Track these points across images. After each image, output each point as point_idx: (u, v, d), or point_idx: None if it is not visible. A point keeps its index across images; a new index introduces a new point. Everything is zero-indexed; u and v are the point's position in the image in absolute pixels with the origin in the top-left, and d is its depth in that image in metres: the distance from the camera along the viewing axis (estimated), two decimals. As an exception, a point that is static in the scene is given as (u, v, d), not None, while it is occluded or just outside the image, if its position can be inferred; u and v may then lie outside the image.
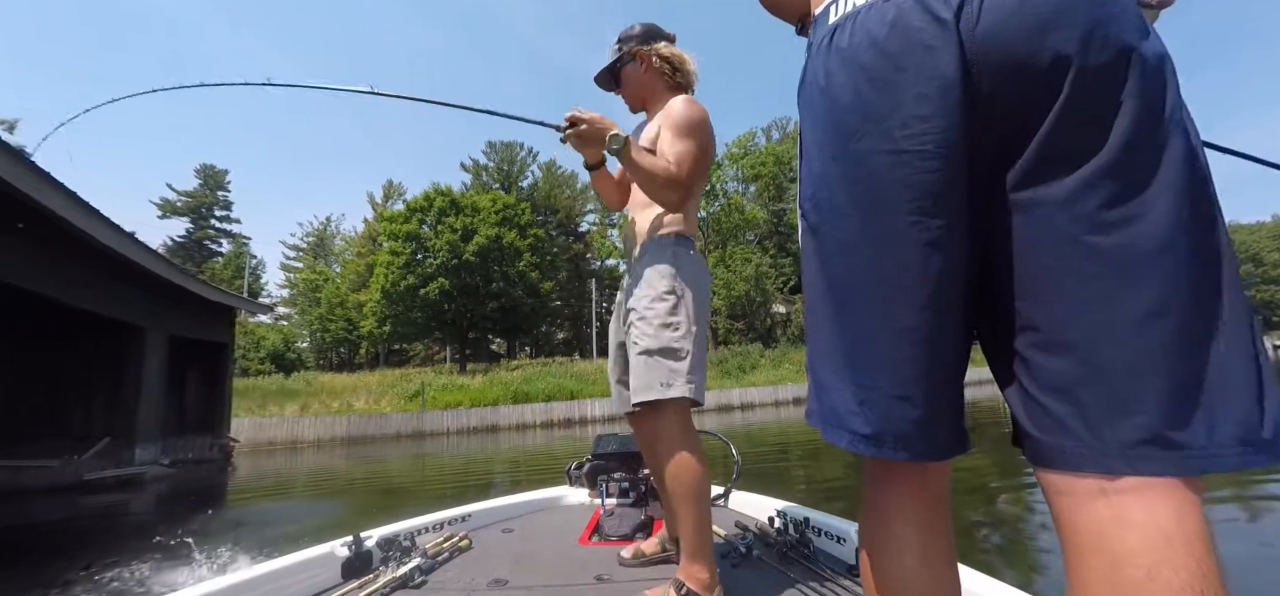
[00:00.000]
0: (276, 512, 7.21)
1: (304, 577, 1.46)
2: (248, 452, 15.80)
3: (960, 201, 0.53)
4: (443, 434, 18.89)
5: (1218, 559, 0.44)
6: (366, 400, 22.17)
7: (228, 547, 4.60)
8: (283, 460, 14.12)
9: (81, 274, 8.36)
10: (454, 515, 1.98)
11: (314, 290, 39.32)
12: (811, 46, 0.64)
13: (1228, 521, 3.69)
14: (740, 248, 34.74)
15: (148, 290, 9.73)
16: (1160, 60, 0.50)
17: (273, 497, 8.68)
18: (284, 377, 25.74)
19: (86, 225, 7.46)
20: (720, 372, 25.25)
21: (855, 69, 0.56)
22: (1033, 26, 0.49)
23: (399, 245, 27.92)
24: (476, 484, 8.55)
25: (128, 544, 5.01)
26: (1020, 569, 3.22)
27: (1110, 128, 0.48)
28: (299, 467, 12.54)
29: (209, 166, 50.78)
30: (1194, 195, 0.48)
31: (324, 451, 15.88)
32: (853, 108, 0.57)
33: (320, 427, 17.75)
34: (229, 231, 50.47)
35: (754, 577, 1.46)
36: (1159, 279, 0.47)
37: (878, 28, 0.55)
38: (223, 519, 6.75)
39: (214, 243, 49.65)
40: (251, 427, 17.05)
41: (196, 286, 11.03)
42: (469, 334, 31.13)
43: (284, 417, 18.10)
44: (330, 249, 49.35)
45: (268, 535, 5.35)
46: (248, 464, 13.47)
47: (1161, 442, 0.46)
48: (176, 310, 10.80)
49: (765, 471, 7.10)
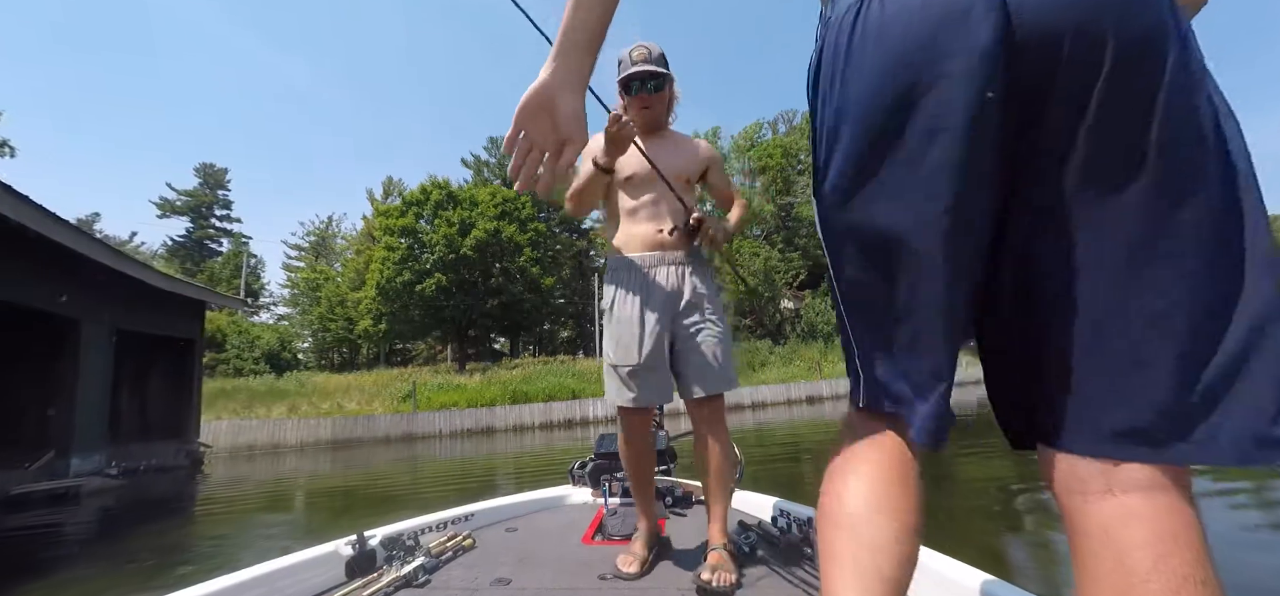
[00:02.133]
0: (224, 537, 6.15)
1: (308, 576, 1.45)
2: (225, 457, 14.84)
3: (994, 182, 0.52)
4: (434, 436, 17.90)
5: (1209, 550, 0.45)
6: (359, 401, 21.24)
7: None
8: (262, 465, 13.13)
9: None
10: (457, 514, 1.98)
11: (314, 289, 38.83)
12: (830, 18, 0.59)
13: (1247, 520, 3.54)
14: (748, 242, 33.73)
15: (82, 278, 8.61)
16: (1191, 39, 0.49)
17: (233, 513, 7.66)
18: (276, 378, 24.84)
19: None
20: (728, 370, 24.24)
21: (893, 40, 0.52)
22: (1074, 3, 0.47)
23: (395, 240, 27.00)
24: (471, 487, 7.46)
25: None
26: (1036, 567, 3.13)
27: (1142, 119, 0.47)
28: (276, 474, 11.55)
29: (209, 165, 50.43)
30: (1225, 186, 0.47)
31: (307, 455, 14.90)
32: (887, 81, 0.53)
33: (304, 430, 16.76)
34: (229, 230, 50.19)
35: (758, 576, 1.47)
36: (1175, 272, 0.47)
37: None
38: (160, 543, 5.70)
39: (214, 242, 49.37)
40: (230, 430, 16.08)
41: (149, 276, 9.93)
42: (469, 332, 30.25)
43: (265, 420, 17.10)
44: (332, 248, 48.95)
45: (178, 576, 4.28)
46: (222, 470, 12.50)
47: (1156, 435, 0.47)
48: (126, 302, 9.73)
49: (778, 475, 6.77)
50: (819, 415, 16.12)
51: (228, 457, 14.91)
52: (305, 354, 38.95)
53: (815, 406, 19.58)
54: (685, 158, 1.71)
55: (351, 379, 25.39)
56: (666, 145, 1.70)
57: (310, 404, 20.66)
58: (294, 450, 16.30)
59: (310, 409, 19.79)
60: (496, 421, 19.17)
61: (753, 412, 18.75)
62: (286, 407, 19.75)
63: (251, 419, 17.16)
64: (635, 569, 1.54)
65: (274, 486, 9.69)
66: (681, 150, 1.71)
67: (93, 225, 49.70)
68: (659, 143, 1.69)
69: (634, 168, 1.63)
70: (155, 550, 5.19)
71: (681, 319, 1.58)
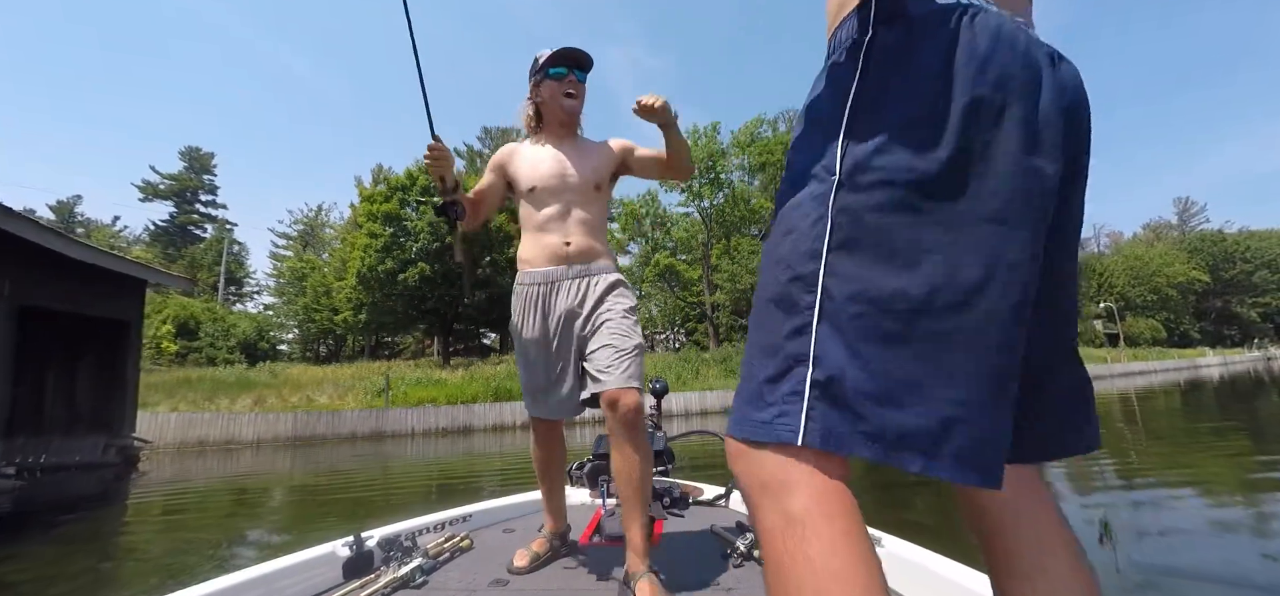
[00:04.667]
0: (96, 568, 4.95)
1: (305, 577, 1.46)
2: (172, 454, 13.57)
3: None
4: (406, 435, 16.63)
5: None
6: (331, 394, 19.96)
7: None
8: (210, 464, 11.88)
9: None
10: (455, 515, 2.00)
11: (300, 279, 37.76)
12: (921, 8, 0.57)
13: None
14: (746, 240, 32.82)
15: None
16: None
17: (145, 523, 6.45)
18: (247, 368, 23.54)
19: None
20: (723, 372, 23.29)
21: (1007, 53, 0.53)
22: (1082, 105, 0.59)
23: (378, 227, 25.69)
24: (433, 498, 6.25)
25: None
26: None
27: (1083, 190, 0.62)
28: (222, 474, 10.32)
29: (194, 149, 49.15)
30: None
31: (263, 453, 13.64)
32: (997, 92, 0.53)
33: (261, 425, 15.44)
34: (214, 216, 49.07)
35: (755, 577, 1.47)
36: (1072, 323, 0.67)
37: (1020, 34, 0.55)
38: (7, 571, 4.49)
39: (198, 228, 48.22)
40: (180, 424, 14.76)
41: (66, 247, 8.63)
42: (454, 325, 29.02)
43: (218, 413, 15.78)
44: (320, 238, 47.92)
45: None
46: (164, 468, 11.24)
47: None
48: (32, 274, 8.44)
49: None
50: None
51: (175, 454, 13.62)
52: (290, 345, 37.84)
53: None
54: (596, 159, 1.65)
55: (327, 372, 24.11)
56: (578, 149, 1.66)
57: (279, 396, 19.37)
58: (250, 447, 14.99)
59: (277, 402, 18.50)
60: (475, 419, 17.95)
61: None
62: (252, 400, 18.45)
63: (204, 412, 15.80)
64: (524, 563, 1.57)
65: (207, 491, 8.45)
66: (591, 153, 1.66)
67: (73, 208, 48.50)
68: (570, 147, 1.66)
69: (536, 179, 1.59)
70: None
71: (586, 327, 1.53)
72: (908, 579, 1.30)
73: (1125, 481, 5.20)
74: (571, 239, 1.55)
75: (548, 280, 1.55)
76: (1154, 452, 6.90)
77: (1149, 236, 67.09)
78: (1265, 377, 21.65)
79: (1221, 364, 38.64)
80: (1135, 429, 9.08)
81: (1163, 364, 37.09)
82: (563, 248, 1.55)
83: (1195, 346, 49.82)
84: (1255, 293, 55.33)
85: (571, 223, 1.57)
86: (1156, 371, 34.07)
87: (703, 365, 24.46)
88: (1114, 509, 4.29)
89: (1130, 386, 21.58)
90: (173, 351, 26.19)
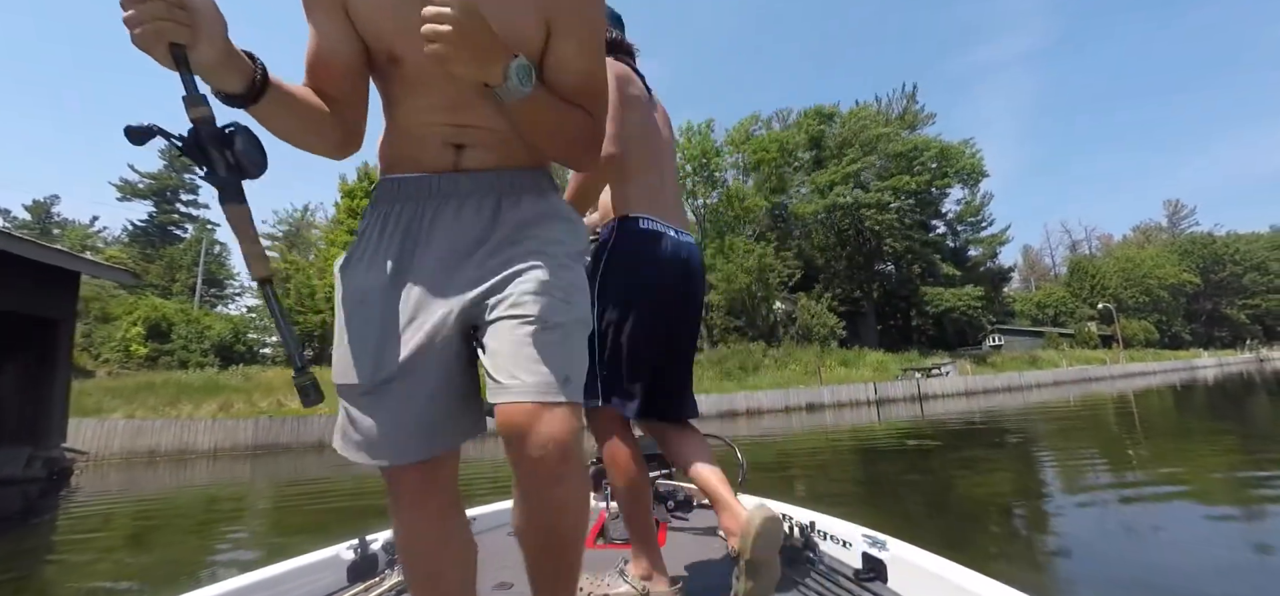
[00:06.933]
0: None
1: (310, 580, 1.46)
2: (118, 465, 12.45)
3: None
4: (380, 442, 15.52)
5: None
6: (304, 399, 18.80)
7: None
8: (160, 476, 10.78)
9: None
10: None
11: (285, 280, 36.62)
12: (625, 231, 1.39)
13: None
14: (740, 240, 32.09)
15: None
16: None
17: (50, 556, 5.42)
18: (218, 372, 22.32)
19: None
20: (720, 374, 22.39)
21: (678, 265, 1.43)
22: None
23: (359, 223, 24.59)
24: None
25: None
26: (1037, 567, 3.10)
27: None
28: (165, 488, 9.24)
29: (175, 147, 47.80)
30: None
31: (221, 463, 12.55)
32: (671, 286, 1.42)
33: (219, 433, 14.30)
34: (195, 216, 47.81)
35: None
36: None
37: (686, 251, 1.46)
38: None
39: (178, 228, 46.94)
40: (128, 432, 13.60)
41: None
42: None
43: (172, 420, 14.62)
44: (307, 239, 46.81)
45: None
46: (105, 481, 10.14)
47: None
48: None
49: (774, 481, 6.21)
50: (819, 424, 14.17)
51: (121, 465, 12.50)
52: (274, 348, 36.64)
53: (815, 414, 17.64)
54: (512, 6, 0.82)
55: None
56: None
57: (248, 401, 18.21)
58: (206, 456, 13.85)
59: (244, 407, 17.35)
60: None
61: (748, 420, 16.83)
62: (217, 405, 17.28)
63: (156, 419, 14.63)
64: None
65: (140, 513, 7.37)
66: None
67: (50, 208, 46.96)
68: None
69: (404, 36, 0.81)
70: None
71: (486, 283, 0.82)
72: (911, 582, 1.30)
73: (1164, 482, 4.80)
74: (464, 122, 0.88)
75: (426, 193, 0.90)
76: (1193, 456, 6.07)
77: (1139, 239, 67.26)
78: (1257, 379, 21.59)
79: (1217, 365, 38.44)
80: (1158, 425, 8.26)
81: (1161, 365, 36.92)
82: (448, 148, 0.90)
83: (1187, 348, 49.73)
84: (1245, 294, 55.40)
85: (467, 104, 0.87)
86: (1156, 372, 33.84)
87: (697, 366, 23.54)
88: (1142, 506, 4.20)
89: (1133, 386, 20.99)
90: (142, 354, 24.91)
